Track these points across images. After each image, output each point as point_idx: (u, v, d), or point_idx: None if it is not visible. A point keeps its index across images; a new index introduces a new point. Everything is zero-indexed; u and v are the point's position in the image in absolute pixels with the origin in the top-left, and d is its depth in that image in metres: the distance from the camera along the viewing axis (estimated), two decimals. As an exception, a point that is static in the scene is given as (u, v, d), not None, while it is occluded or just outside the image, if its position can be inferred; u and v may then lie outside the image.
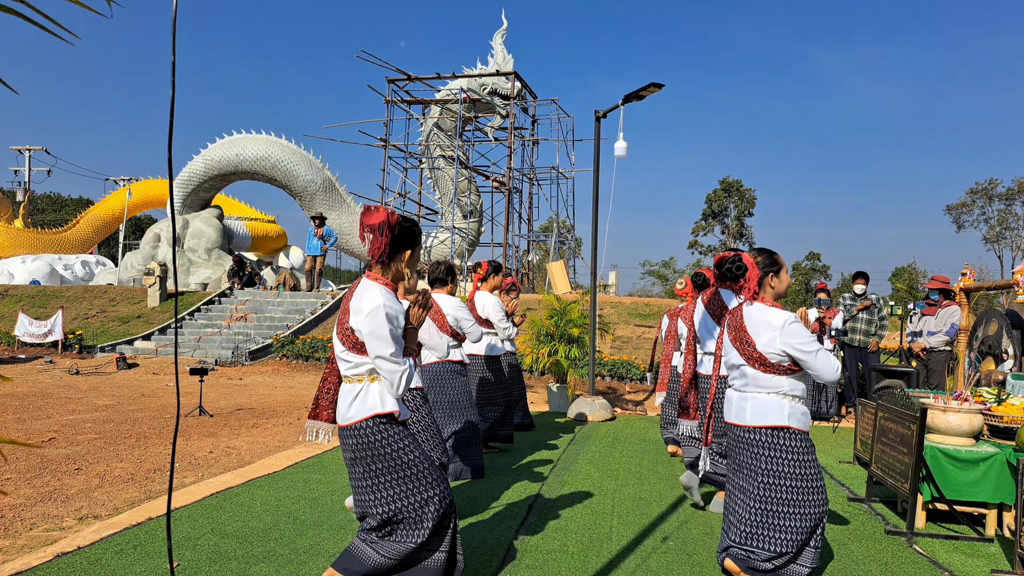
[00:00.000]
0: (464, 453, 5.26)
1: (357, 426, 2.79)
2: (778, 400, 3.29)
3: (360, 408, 2.80)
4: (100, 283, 23.12)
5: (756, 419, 3.32)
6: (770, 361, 3.28)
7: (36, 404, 8.74)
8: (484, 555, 3.69)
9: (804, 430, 3.29)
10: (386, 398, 2.82)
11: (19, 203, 32.49)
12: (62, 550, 3.62)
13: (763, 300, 3.38)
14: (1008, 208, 45.37)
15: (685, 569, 3.59)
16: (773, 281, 3.39)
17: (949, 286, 8.45)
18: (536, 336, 9.71)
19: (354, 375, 2.84)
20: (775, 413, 3.28)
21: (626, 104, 8.83)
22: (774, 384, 3.29)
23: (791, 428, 3.27)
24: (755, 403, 3.33)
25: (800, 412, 3.29)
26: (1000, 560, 3.89)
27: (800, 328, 3.25)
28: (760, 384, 3.32)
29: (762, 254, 3.42)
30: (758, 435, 3.31)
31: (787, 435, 3.27)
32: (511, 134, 20.79)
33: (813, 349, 3.21)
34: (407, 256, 2.92)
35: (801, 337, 3.23)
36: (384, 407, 2.80)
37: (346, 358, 2.83)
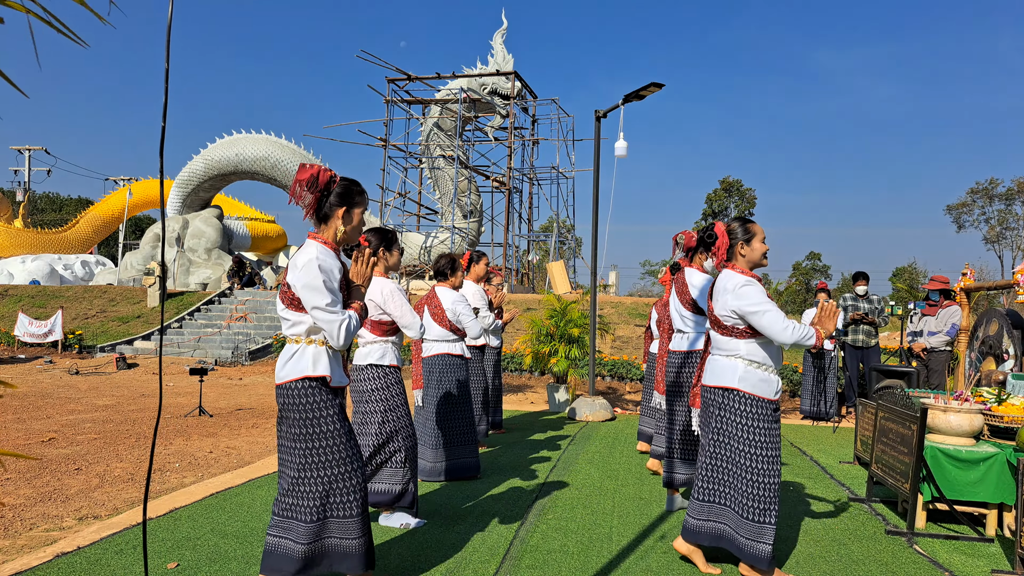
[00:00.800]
0: (460, 451, 5.18)
1: (287, 385, 2.79)
2: (732, 362, 3.34)
3: (293, 368, 2.80)
4: (100, 283, 23.12)
5: (712, 379, 3.43)
6: (724, 323, 3.35)
7: (36, 404, 8.73)
8: (484, 555, 3.69)
9: (757, 395, 3.29)
10: (319, 361, 2.80)
11: (19, 203, 32.49)
12: (62, 550, 3.61)
13: (732, 267, 3.42)
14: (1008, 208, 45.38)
15: (685, 569, 3.59)
16: (743, 249, 3.41)
17: (949, 286, 8.45)
18: (536, 336, 9.71)
19: (292, 335, 2.84)
20: (729, 374, 3.34)
21: (626, 104, 8.83)
22: (731, 347, 3.35)
23: (740, 391, 3.30)
24: (713, 364, 3.44)
25: (757, 377, 3.30)
26: (1000, 560, 3.89)
27: (753, 290, 3.26)
28: (720, 347, 3.42)
29: (736, 222, 3.47)
30: (712, 394, 3.42)
31: (736, 397, 3.31)
32: (511, 134, 20.79)
33: (761, 309, 3.21)
34: (341, 214, 2.86)
35: (751, 298, 3.24)
36: (315, 370, 2.78)
37: (285, 316, 2.84)
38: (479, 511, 4.48)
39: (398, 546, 3.79)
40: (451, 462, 5.17)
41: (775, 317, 3.21)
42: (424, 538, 3.93)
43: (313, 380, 2.79)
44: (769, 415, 3.33)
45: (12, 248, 26.14)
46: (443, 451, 5.14)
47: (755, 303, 3.23)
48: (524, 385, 11.72)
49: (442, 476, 5.14)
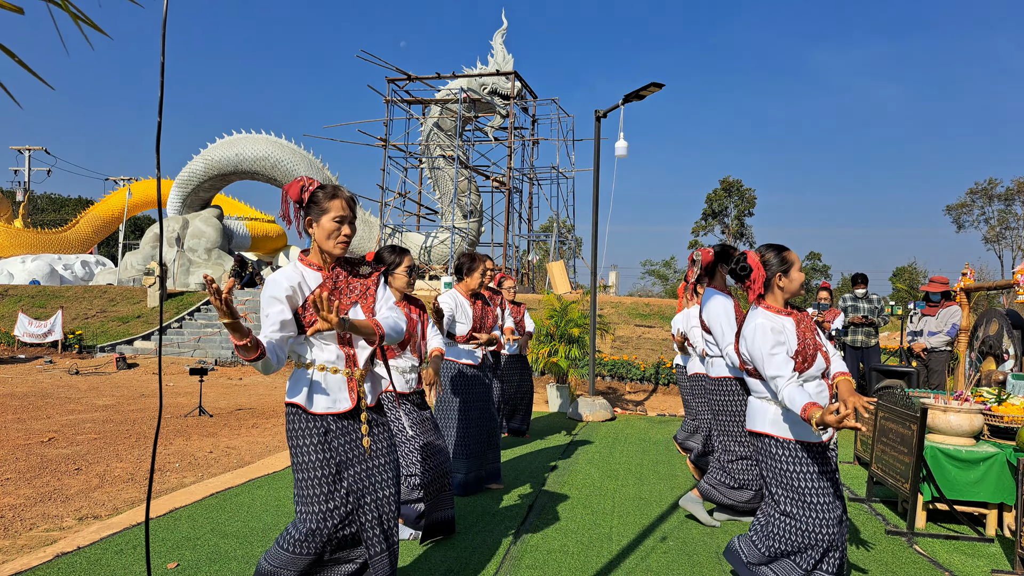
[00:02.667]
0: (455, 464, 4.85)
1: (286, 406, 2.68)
2: (763, 404, 3.09)
3: (287, 390, 2.67)
4: (100, 283, 23.12)
5: (749, 423, 3.18)
6: (748, 365, 3.12)
7: (36, 404, 8.73)
8: (484, 555, 3.69)
9: (794, 439, 2.98)
10: (299, 387, 2.61)
11: (19, 203, 32.49)
12: (62, 550, 3.61)
13: (765, 304, 3.08)
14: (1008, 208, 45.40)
15: (685, 569, 3.59)
16: (782, 281, 3.06)
17: (949, 287, 8.45)
18: (536, 336, 9.71)
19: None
20: (760, 418, 3.10)
21: (626, 104, 8.83)
22: (759, 388, 3.12)
23: (772, 436, 3.02)
24: (750, 406, 3.20)
25: (790, 420, 3.00)
26: (1000, 560, 3.89)
27: (764, 336, 2.95)
28: (752, 387, 3.19)
29: (771, 251, 3.11)
30: (752, 439, 3.19)
31: (770, 442, 3.04)
32: (511, 134, 20.79)
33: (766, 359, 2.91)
34: (311, 224, 2.63)
35: (760, 345, 2.95)
36: (294, 397, 2.61)
37: None
38: (479, 511, 4.48)
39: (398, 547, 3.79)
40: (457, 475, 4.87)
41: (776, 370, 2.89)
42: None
43: (292, 406, 2.63)
44: (805, 459, 2.97)
45: (12, 248, 26.14)
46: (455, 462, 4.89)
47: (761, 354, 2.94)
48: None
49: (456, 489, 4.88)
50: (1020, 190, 44.14)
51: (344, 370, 2.64)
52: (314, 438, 2.59)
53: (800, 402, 2.77)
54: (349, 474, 2.64)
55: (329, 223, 2.60)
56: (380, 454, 2.73)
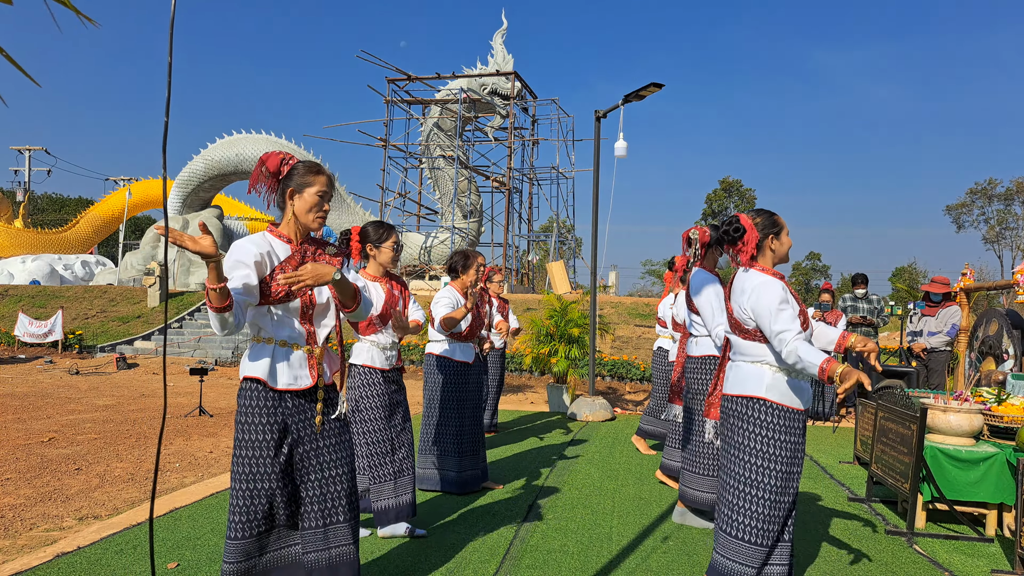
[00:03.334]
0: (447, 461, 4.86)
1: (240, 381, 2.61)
2: (758, 368, 2.98)
3: (242, 365, 2.60)
4: (100, 283, 23.12)
5: (734, 387, 3.05)
6: (746, 327, 2.99)
7: (36, 404, 8.74)
8: (484, 555, 3.69)
9: (787, 405, 2.93)
10: (260, 362, 2.55)
11: (19, 203, 32.50)
12: (62, 550, 3.61)
13: (755, 265, 3.06)
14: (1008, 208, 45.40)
15: (685, 569, 3.59)
16: (773, 243, 3.06)
17: (949, 287, 8.45)
18: (536, 336, 9.71)
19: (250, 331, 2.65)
20: (753, 382, 2.97)
21: (626, 104, 8.83)
22: (757, 352, 2.99)
23: (768, 400, 2.93)
24: (736, 371, 3.07)
25: (786, 385, 2.94)
26: (1000, 560, 3.89)
27: (774, 291, 2.89)
28: (743, 352, 3.05)
29: (761, 215, 3.11)
30: (735, 404, 3.03)
31: (763, 407, 2.94)
32: (511, 134, 20.80)
33: (775, 313, 2.84)
34: (289, 192, 2.61)
35: (768, 300, 2.87)
36: (253, 371, 2.55)
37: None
38: (479, 511, 4.48)
39: (398, 547, 3.79)
40: (433, 471, 4.88)
41: (783, 328, 2.82)
42: (424, 538, 3.93)
43: (252, 380, 2.57)
44: (797, 427, 2.98)
45: (12, 248, 26.14)
46: (428, 458, 4.88)
47: (770, 308, 2.86)
48: (524, 385, 11.72)
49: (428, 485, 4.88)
50: (1020, 190, 44.14)
51: (305, 347, 2.62)
52: (270, 416, 2.56)
53: (816, 357, 2.74)
54: (297, 452, 2.62)
55: (312, 196, 2.60)
56: (331, 434, 2.71)
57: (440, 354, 4.87)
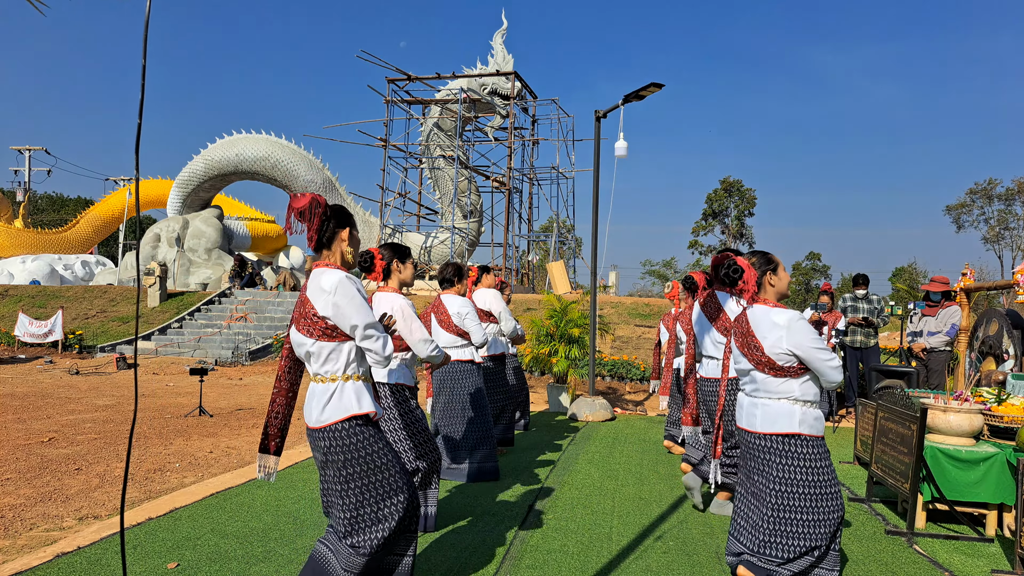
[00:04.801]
0: (476, 454, 5.20)
1: (332, 428, 2.66)
2: (789, 406, 3.17)
3: (335, 409, 2.67)
4: (100, 283, 23.13)
5: (767, 426, 3.20)
6: (779, 364, 3.15)
7: (36, 404, 8.74)
8: (484, 555, 3.69)
9: (817, 435, 3.18)
10: (363, 398, 2.72)
11: (19, 203, 32.49)
12: (62, 550, 3.62)
13: (764, 301, 3.27)
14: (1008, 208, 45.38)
15: (685, 569, 3.59)
16: (772, 279, 3.28)
17: (949, 287, 8.45)
18: (536, 336, 9.71)
19: (327, 372, 2.70)
20: (786, 420, 3.16)
21: (626, 104, 8.83)
22: (784, 389, 3.17)
23: (803, 435, 3.15)
24: (765, 409, 3.22)
25: (812, 417, 3.18)
26: (1000, 560, 3.89)
27: (806, 325, 3.14)
28: (770, 389, 3.20)
29: (755, 255, 3.34)
30: (770, 442, 3.20)
31: (799, 442, 3.16)
32: (511, 134, 20.79)
33: (820, 346, 3.10)
34: (345, 235, 2.80)
35: (808, 334, 3.12)
36: (361, 408, 2.69)
37: (315, 350, 2.68)
38: (479, 511, 4.48)
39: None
40: (472, 465, 5.21)
41: (832, 357, 3.10)
42: (424, 538, 3.94)
43: (359, 418, 2.71)
44: (826, 452, 3.21)
45: (12, 248, 26.14)
46: (462, 453, 5.19)
47: (814, 340, 3.10)
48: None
49: (463, 477, 5.20)
50: (1020, 190, 44.12)
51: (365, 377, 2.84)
52: (382, 440, 2.79)
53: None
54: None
55: (356, 237, 2.87)
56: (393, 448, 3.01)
57: (464, 359, 5.21)
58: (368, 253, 3.90)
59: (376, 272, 3.91)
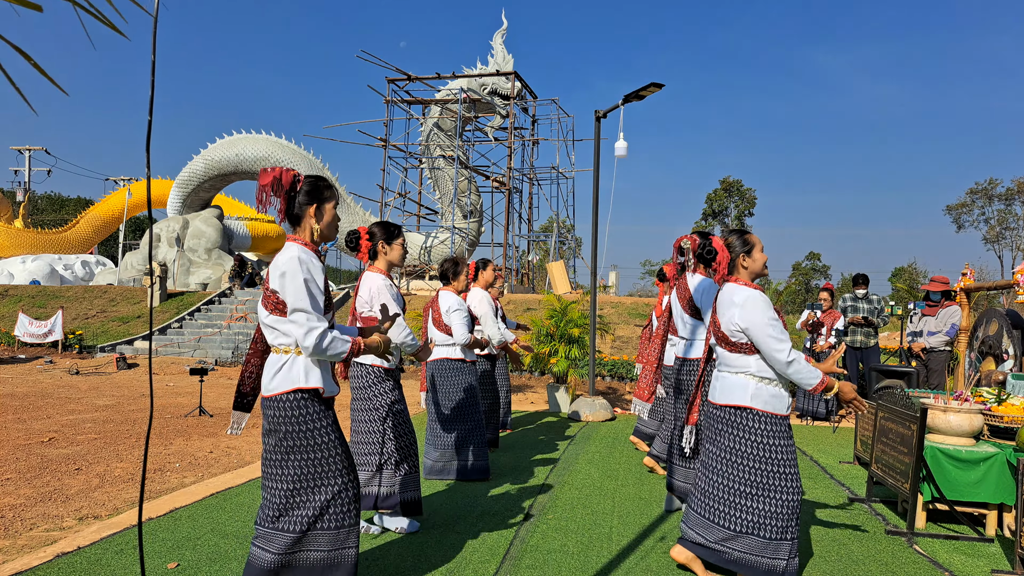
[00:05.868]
0: (468, 453, 5.22)
1: (278, 398, 2.69)
2: (743, 380, 3.25)
3: (284, 380, 2.69)
4: (100, 283, 23.13)
5: (721, 396, 3.32)
6: (731, 339, 3.25)
7: (36, 404, 8.74)
8: (484, 555, 3.69)
9: (771, 412, 3.21)
10: (311, 372, 2.71)
11: (19, 203, 32.49)
12: (62, 550, 3.61)
13: (736, 280, 3.35)
14: (1008, 208, 45.38)
15: (685, 569, 3.59)
16: (745, 261, 3.35)
17: (949, 287, 8.45)
18: (536, 336, 9.71)
19: (281, 345, 2.73)
20: (739, 392, 3.25)
21: (626, 104, 8.83)
22: (740, 363, 3.26)
23: (754, 409, 3.21)
24: (723, 382, 3.33)
25: (768, 394, 3.21)
26: (1000, 560, 3.89)
27: (763, 306, 3.17)
28: (727, 363, 3.32)
29: (733, 235, 3.39)
30: (723, 412, 3.31)
31: (750, 415, 3.22)
32: (511, 134, 20.79)
33: (772, 331, 3.11)
34: (312, 211, 2.77)
35: (761, 315, 3.15)
36: (308, 381, 2.69)
37: (271, 323, 2.72)
38: (479, 511, 4.48)
39: (398, 546, 3.79)
40: (461, 463, 5.21)
41: (781, 341, 3.12)
42: (424, 538, 3.93)
43: (305, 392, 2.70)
44: (784, 431, 3.24)
45: (12, 248, 26.14)
46: (451, 451, 5.18)
47: (766, 324, 3.14)
48: (524, 385, 11.72)
49: (452, 475, 5.20)
50: (1020, 190, 44.12)
51: None
52: (327, 420, 2.76)
53: (815, 372, 3.14)
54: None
55: (331, 211, 2.84)
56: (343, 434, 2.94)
57: (455, 357, 5.19)
58: (355, 232, 3.89)
59: (362, 252, 3.91)
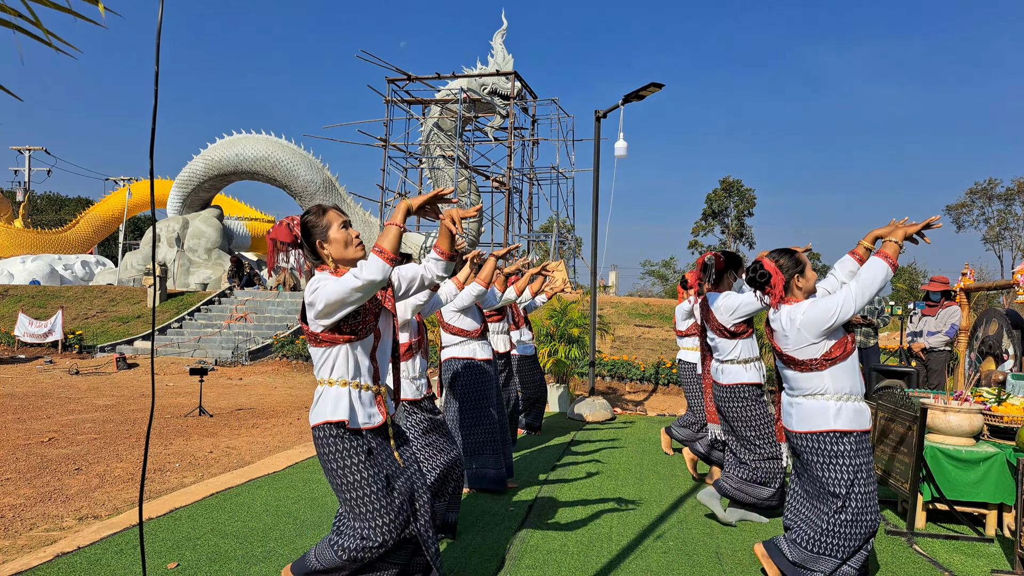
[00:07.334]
0: (482, 460, 4.91)
1: (313, 430, 2.63)
2: (821, 403, 3.14)
3: (315, 412, 2.62)
4: (100, 283, 23.13)
5: (800, 424, 3.20)
6: (800, 359, 3.14)
7: (36, 404, 8.74)
8: (484, 555, 3.69)
9: (856, 429, 3.11)
10: (339, 405, 2.58)
11: (19, 203, 32.49)
12: (62, 550, 3.62)
13: (790, 301, 3.23)
14: (1008, 208, 45.36)
15: (685, 569, 3.59)
16: (799, 281, 3.23)
17: (949, 287, 8.45)
18: (536, 336, 9.71)
19: (318, 377, 2.66)
20: (819, 417, 3.13)
21: (626, 104, 8.83)
22: (815, 384, 3.15)
23: (840, 431, 3.11)
24: (798, 408, 3.21)
25: (852, 410, 3.12)
26: (1000, 560, 3.89)
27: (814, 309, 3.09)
28: (799, 386, 3.20)
29: (783, 255, 3.27)
30: (805, 440, 3.19)
31: (836, 439, 3.11)
32: (511, 134, 20.80)
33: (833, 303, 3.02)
34: (318, 244, 2.65)
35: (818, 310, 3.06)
36: (334, 415, 2.57)
37: (313, 354, 2.66)
38: (479, 511, 4.48)
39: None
40: (473, 471, 4.92)
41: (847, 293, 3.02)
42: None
43: (332, 425, 2.58)
44: (869, 448, 3.15)
45: (12, 248, 26.14)
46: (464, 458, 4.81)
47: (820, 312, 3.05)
48: (524, 385, 11.72)
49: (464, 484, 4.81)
50: (1020, 190, 44.11)
51: (373, 386, 2.68)
52: (361, 455, 2.60)
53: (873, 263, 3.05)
54: (396, 485, 2.69)
55: (339, 233, 2.65)
56: (411, 463, 2.81)
57: (463, 356, 4.86)
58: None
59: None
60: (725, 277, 4.46)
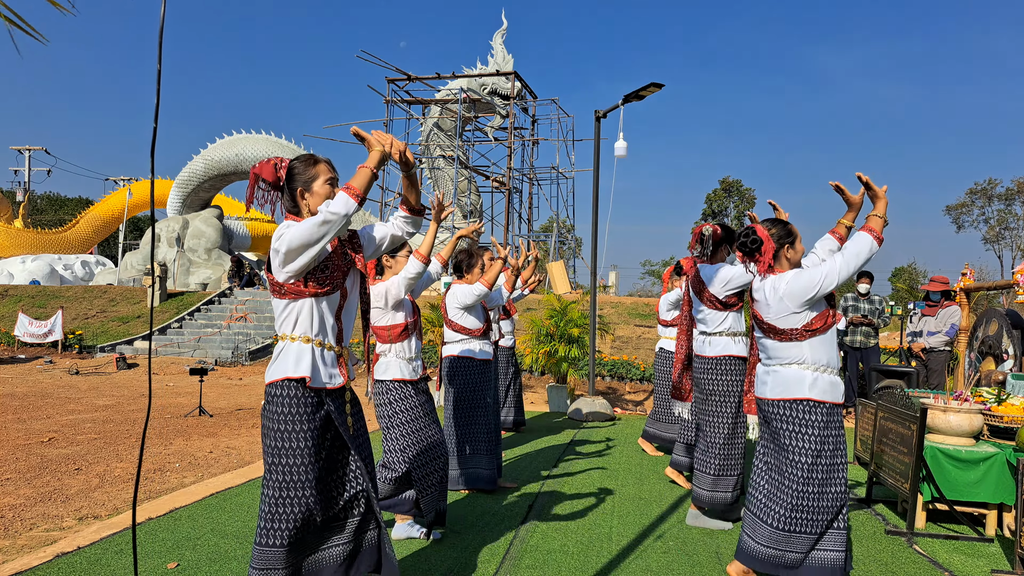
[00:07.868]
0: (474, 459, 4.89)
1: (268, 387, 2.53)
2: (798, 371, 3.17)
3: (274, 368, 2.52)
4: (100, 283, 23.13)
5: (775, 391, 3.22)
6: (781, 328, 3.18)
7: (36, 404, 8.74)
8: (484, 555, 3.69)
9: (830, 400, 3.15)
10: (301, 361, 2.49)
11: (19, 203, 32.49)
12: (62, 550, 3.61)
13: (777, 271, 3.27)
14: (1008, 208, 45.37)
15: (685, 569, 3.59)
16: (789, 252, 3.28)
17: (949, 287, 8.46)
18: (536, 336, 9.71)
19: (279, 331, 2.57)
20: (796, 385, 3.16)
21: (626, 104, 8.84)
22: (793, 353, 3.18)
23: (814, 400, 3.14)
24: (774, 375, 3.25)
25: (827, 382, 3.16)
26: (1000, 560, 3.89)
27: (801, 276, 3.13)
28: (777, 355, 3.24)
29: (776, 225, 3.31)
30: (778, 408, 3.21)
31: (810, 408, 3.15)
32: (511, 134, 20.80)
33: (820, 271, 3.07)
34: (299, 193, 2.59)
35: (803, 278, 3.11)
36: (295, 371, 2.48)
37: (274, 307, 2.58)
38: (479, 511, 4.48)
39: (398, 547, 3.79)
40: (466, 470, 4.89)
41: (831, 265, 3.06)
42: (428, 539, 3.93)
43: (293, 382, 2.49)
44: (839, 421, 3.18)
45: (12, 248, 26.14)
46: (456, 459, 4.86)
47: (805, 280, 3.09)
48: (524, 385, 11.72)
49: (460, 485, 4.89)
50: (1020, 190, 44.12)
51: (336, 347, 2.61)
52: (311, 422, 2.50)
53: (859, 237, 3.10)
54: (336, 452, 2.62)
55: (323, 187, 2.59)
56: (360, 433, 2.71)
57: (461, 355, 4.83)
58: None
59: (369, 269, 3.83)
60: (720, 250, 4.39)
